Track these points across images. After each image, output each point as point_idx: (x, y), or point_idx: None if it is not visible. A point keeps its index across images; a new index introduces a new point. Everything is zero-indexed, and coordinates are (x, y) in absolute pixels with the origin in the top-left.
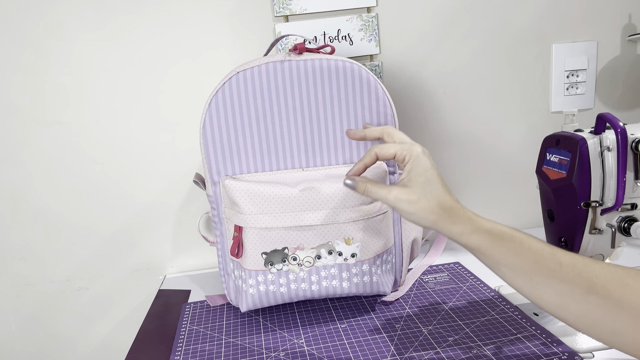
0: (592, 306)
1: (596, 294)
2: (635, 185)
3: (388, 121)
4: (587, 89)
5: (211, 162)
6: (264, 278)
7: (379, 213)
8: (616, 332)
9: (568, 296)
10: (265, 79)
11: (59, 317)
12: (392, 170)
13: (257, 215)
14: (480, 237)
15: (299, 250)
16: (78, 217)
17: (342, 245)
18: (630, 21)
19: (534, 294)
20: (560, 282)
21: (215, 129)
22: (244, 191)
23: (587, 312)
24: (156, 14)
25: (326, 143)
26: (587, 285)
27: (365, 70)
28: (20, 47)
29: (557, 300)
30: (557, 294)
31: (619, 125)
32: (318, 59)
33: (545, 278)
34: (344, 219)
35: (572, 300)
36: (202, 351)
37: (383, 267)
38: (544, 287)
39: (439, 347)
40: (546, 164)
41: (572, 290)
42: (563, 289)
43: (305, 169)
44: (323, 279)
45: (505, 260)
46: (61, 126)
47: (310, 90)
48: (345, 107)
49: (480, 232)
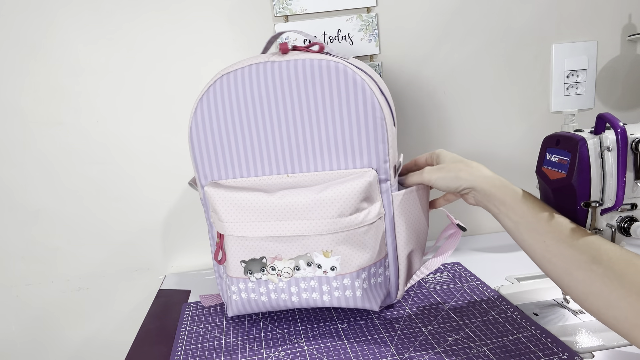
0: (594, 275)
1: (600, 264)
2: (635, 185)
3: (377, 125)
4: (587, 89)
5: (198, 167)
6: (244, 286)
7: (361, 225)
8: (612, 306)
9: (574, 262)
10: (248, 82)
11: (59, 317)
12: (383, 178)
13: (235, 223)
14: (506, 191)
15: (277, 260)
16: (78, 217)
17: (321, 258)
18: (630, 21)
19: (545, 257)
20: (569, 247)
21: (201, 133)
22: (222, 199)
23: (588, 280)
24: (156, 14)
25: (311, 148)
26: (594, 255)
27: (351, 69)
28: (20, 48)
29: (563, 264)
30: (564, 258)
31: (619, 125)
32: (302, 59)
33: (557, 242)
34: (321, 231)
35: (577, 267)
36: (202, 351)
37: (371, 281)
38: (554, 250)
39: (439, 347)
40: (546, 164)
41: (579, 256)
42: (571, 254)
43: (291, 174)
44: (303, 291)
45: (525, 218)
46: (61, 126)
47: (294, 93)
48: (331, 110)
49: (507, 187)
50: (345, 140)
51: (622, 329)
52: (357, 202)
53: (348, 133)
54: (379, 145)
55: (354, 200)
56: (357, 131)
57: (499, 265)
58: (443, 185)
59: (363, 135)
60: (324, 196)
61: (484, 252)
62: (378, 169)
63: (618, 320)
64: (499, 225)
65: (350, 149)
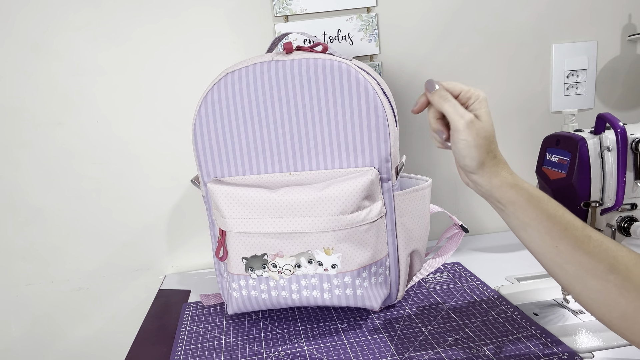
0: (610, 285)
1: (617, 273)
2: (635, 185)
3: (379, 124)
4: (587, 89)
5: (202, 164)
6: (245, 283)
7: (363, 223)
8: (627, 317)
9: (589, 270)
10: (252, 80)
11: (59, 317)
12: (385, 178)
13: (237, 219)
14: (519, 193)
15: (279, 257)
16: (78, 217)
17: (322, 255)
18: (630, 21)
19: (555, 261)
20: (585, 254)
21: (204, 131)
22: (225, 195)
23: (603, 290)
24: (156, 14)
25: (314, 146)
26: (611, 264)
27: (354, 68)
28: (21, 47)
29: (577, 272)
30: (578, 265)
31: (619, 125)
32: (305, 58)
33: (572, 247)
34: (322, 228)
35: (592, 276)
36: (202, 351)
37: (372, 280)
38: (567, 256)
39: (439, 347)
40: (546, 164)
41: (595, 265)
42: (586, 261)
43: (293, 172)
44: (303, 289)
45: (537, 221)
46: (61, 126)
47: (297, 92)
48: (334, 109)
49: (519, 188)
50: (348, 139)
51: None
52: (358, 200)
53: (350, 132)
54: (381, 144)
55: (356, 198)
56: (359, 130)
57: (499, 265)
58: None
59: (365, 135)
60: (326, 194)
61: (484, 252)
62: (380, 168)
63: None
64: (499, 225)
65: (352, 148)
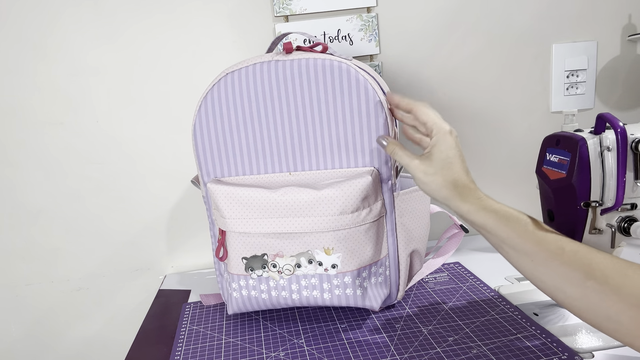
0: (589, 291)
1: (594, 279)
2: (635, 185)
3: (379, 124)
4: (587, 89)
5: (202, 164)
6: (245, 283)
7: (363, 223)
8: (611, 319)
9: (566, 280)
10: (252, 80)
11: (59, 317)
12: (385, 178)
13: (237, 219)
14: (487, 216)
15: (279, 257)
16: (78, 217)
17: (322, 255)
18: (630, 21)
19: (534, 275)
20: (560, 265)
21: (204, 131)
22: (225, 195)
23: (583, 297)
24: (155, 14)
25: (314, 146)
26: (586, 271)
27: (354, 68)
28: (21, 47)
29: (555, 282)
30: (556, 276)
31: (619, 125)
32: (305, 58)
33: (546, 260)
34: (322, 228)
35: (570, 284)
36: (202, 351)
37: (372, 280)
38: (544, 269)
39: (439, 347)
40: (546, 164)
41: (570, 274)
42: (562, 271)
43: (293, 172)
44: (303, 289)
45: (509, 240)
46: (61, 126)
47: (297, 92)
48: (334, 109)
49: (487, 211)
50: (348, 139)
51: (624, 340)
52: (358, 200)
53: (350, 132)
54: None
55: (356, 198)
56: (359, 130)
57: (499, 265)
58: (425, 190)
59: (365, 135)
60: (326, 194)
61: (484, 252)
62: (380, 169)
63: (621, 333)
64: None
65: (352, 148)
